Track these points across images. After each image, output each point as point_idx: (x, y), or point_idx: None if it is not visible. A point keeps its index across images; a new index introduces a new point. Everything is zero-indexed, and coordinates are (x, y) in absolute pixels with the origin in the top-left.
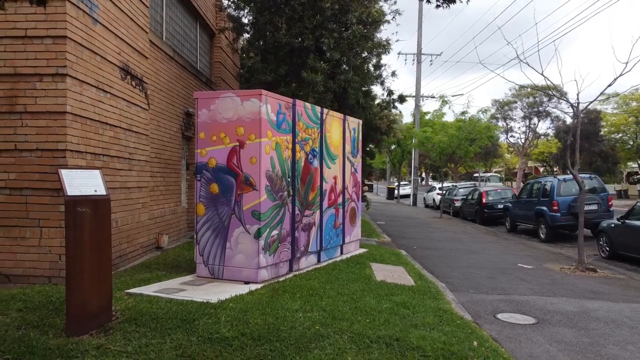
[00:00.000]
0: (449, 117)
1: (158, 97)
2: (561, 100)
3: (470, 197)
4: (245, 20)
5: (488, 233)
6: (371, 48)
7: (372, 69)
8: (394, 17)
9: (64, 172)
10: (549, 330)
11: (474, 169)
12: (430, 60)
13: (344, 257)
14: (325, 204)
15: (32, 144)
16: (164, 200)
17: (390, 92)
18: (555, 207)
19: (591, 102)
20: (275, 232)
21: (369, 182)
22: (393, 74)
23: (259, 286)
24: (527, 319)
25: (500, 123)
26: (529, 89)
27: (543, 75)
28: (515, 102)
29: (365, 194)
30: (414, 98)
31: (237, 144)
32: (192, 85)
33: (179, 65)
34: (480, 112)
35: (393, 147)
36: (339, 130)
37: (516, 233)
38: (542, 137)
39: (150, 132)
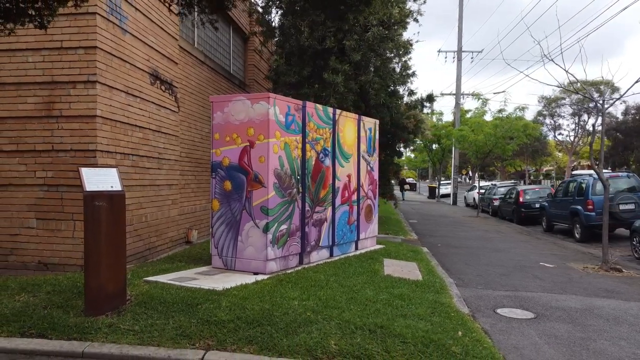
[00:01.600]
0: (490, 116)
1: (189, 100)
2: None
3: (508, 196)
4: (274, 24)
5: (522, 232)
6: (392, 49)
7: (395, 68)
8: (415, 19)
9: (83, 170)
10: (544, 325)
11: (522, 168)
12: (471, 57)
13: (358, 252)
14: (338, 201)
15: (67, 145)
16: (194, 197)
17: (411, 92)
18: (590, 207)
19: (616, 99)
20: (284, 227)
21: (412, 181)
22: (413, 74)
23: (265, 277)
24: (526, 314)
25: (548, 120)
26: (575, 86)
27: (566, 72)
28: (564, 99)
29: (406, 192)
30: (454, 96)
31: (248, 144)
32: (225, 87)
33: (210, 69)
34: (517, 110)
35: (435, 146)
36: (353, 130)
37: (552, 233)
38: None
39: (180, 133)
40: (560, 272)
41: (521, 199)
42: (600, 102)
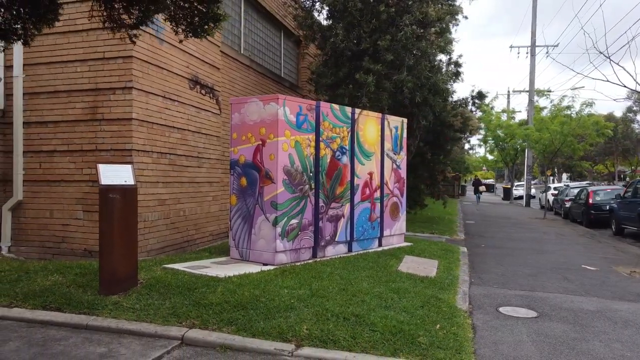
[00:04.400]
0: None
1: None
2: None
3: (578, 197)
4: (315, 28)
5: (584, 235)
6: (426, 48)
7: (441, 67)
8: (455, 18)
9: (100, 166)
10: (541, 325)
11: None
12: (547, 52)
13: (380, 249)
14: (357, 197)
15: (107, 145)
16: None
17: (445, 91)
18: None
19: None
20: (294, 221)
21: (487, 182)
22: (457, 73)
23: (271, 267)
24: (529, 313)
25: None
26: None
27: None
28: None
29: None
30: (527, 93)
31: (260, 142)
32: (273, 90)
33: (257, 72)
34: (584, 106)
35: (506, 145)
36: (376, 128)
37: (622, 237)
38: None
39: (223, 134)
40: (597, 275)
41: (591, 201)
42: None
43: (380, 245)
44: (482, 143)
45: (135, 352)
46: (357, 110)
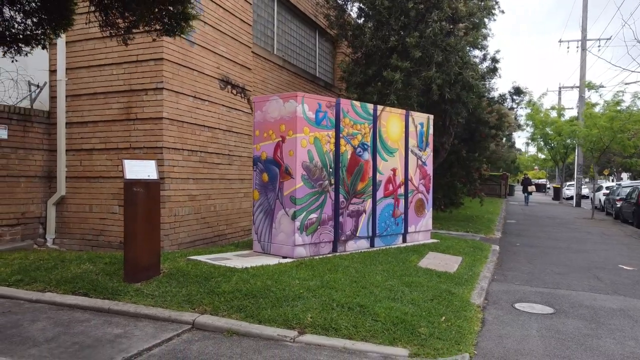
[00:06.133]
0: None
1: None
2: None
3: (629, 196)
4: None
5: (631, 236)
6: (454, 44)
7: (476, 63)
8: (489, 13)
9: (126, 162)
10: (555, 321)
11: None
12: (599, 46)
13: (404, 245)
14: (380, 193)
15: (140, 143)
16: None
17: (475, 87)
18: None
19: None
20: (313, 216)
21: (539, 182)
22: (494, 69)
23: (289, 260)
24: (546, 309)
25: None
26: None
27: None
28: None
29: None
30: (578, 89)
31: (280, 139)
32: (307, 89)
33: (291, 72)
34: (637, 99)
35: (554, 144)
36: (399, 125)
37: None
38: None
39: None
40: (632, 275)
41: None
42: None
43: (404, 241)
44: (530, 141)
45: (147, 334)
46: (379, 107)
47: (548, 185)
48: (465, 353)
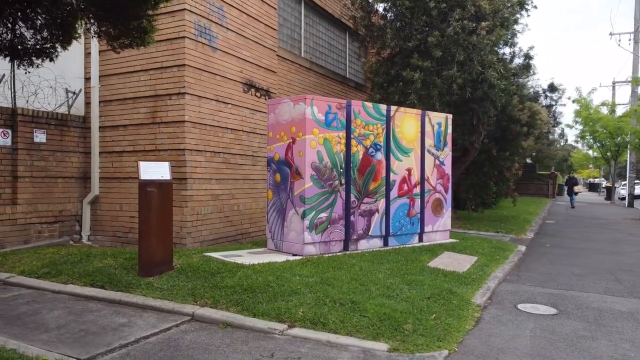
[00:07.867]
0: None
1: None
2: None
3: None
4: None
5: None
6: (475, 43)
7: (506, 60)
8: (516, 10)
9: (141, 164)
10: (553, 321)
11: None
12: None
13: (419, 244)
14: (394, 193)
15: (165, 145)
16: None
17: (497, 86)
18: None
19: None
20: (323, 215)
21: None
22: (528, 65)
23: (298, 258)
24: (549, 310)
25: None
26: None
27: None
28: None
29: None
30: (630, 84)
31: (291, 140)
32: (336, 91)
33: (319, 74)
34: None
35: (604, 141)
36: (415, 125)
37: None
38: None
39: None
40: None
41: None
42: None
43: (420, 240)
44: (579, 139)
45: (149, 324)
46: (393, 108)
47: (603, 185)
48: (445, 350)
